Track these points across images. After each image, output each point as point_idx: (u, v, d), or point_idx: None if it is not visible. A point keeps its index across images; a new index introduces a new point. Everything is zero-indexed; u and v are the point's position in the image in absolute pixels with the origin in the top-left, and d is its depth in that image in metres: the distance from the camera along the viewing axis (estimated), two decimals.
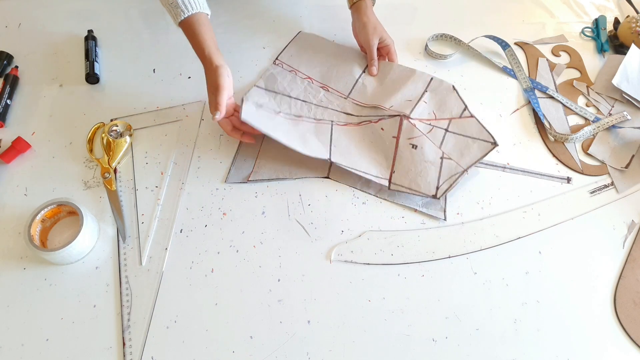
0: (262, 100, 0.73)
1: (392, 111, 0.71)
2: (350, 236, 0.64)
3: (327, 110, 0.73)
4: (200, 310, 0.58)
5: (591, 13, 0.94)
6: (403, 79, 0.76)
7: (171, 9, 0.65)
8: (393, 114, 0.71)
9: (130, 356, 0.55)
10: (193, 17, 0.65)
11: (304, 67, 0.79)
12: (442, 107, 0.73)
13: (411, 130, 0.69)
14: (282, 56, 0.81)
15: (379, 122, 0.71)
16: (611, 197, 0.70)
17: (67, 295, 0.58)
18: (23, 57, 0.79)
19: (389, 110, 0.71)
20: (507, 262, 0.64)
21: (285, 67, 0.79)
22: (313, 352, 0.56)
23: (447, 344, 0.58)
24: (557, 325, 0.60)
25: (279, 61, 0.80)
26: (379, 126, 0.70)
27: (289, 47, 0.82)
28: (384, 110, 0.71)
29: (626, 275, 0.63)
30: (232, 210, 0.66)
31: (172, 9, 0.65)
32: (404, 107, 0.72)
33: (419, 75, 0.77)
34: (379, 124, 0.71)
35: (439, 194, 0.65)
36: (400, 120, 0.70)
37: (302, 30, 0.86)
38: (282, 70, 0.78)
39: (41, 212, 0.59)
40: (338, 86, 0.77)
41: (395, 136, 0.69)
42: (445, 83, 0.76)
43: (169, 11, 0.66)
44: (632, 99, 0.79)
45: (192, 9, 0.65)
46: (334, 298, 0.60)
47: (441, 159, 0.68)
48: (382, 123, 0.71)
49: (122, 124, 0.71)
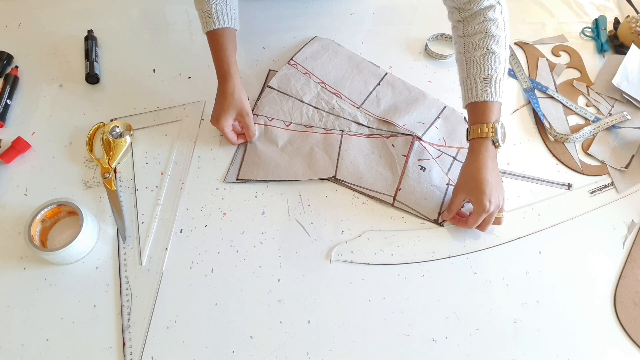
0: (274, 109, 0.74)
1: (405, 130, 0.72)
2: (350, 236, 0.64)
3: (338, 119, 0.74)
4: (200, 310, 0.58)
5: (591, 13, 0.94)
6: (417, 101, 0.76)
7: (204, 16, 0.66)
8: (405, 132, 0.71)
9: (130, 356, 0.55)
10: (224, 30, 0.66)
11: (318, 71, 0.79)
12: (452, 135, 0.74)
13: (422, 152, 0.70)
14: (297, 57, 0.80)
15: (390, 137, 0.71)
16: (611, 197, 0.70)
17: (67, 295, 0.58)
18: (23, 57, 0.79)
19: (402, 128, 0.72)
20: (507, 262, 0.64)
21: (300, 69, 0.79)
22: (313, 352, 0.56)
23: (447, 344, 0.58)
24: (557, 325, 0.60)
25: (294, 62, 0.80)
26: (390, 142, 0.71)
27: (304, 49, 0.82)
28: (397, 127, 0.72)
29: (626, 275, 0.63)
30: (232, 210, 0.66)
31: (205, 17, 0.66)
32: (416, 128, 0.72)
33: (432, 100, 0.77)
34: (390, 139, 0.71)
35: (440, 219, 0.66)
36: (412, 140, 0.70)
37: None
38: (296, 71, 0.78)
39: (41, 212, 0.59)
40: (351, 95, 0.77)
41: (406, 155, 0.69)
42: (457, 113, 0.76)
43: (201, 17, 0.67)
44: (632, 99, 0.79)
45: (224, 23, 0.65)
46: (334, 298, 0.60)
47: (447, 185, 0.68)
48: (393, 139, 0.71)
49: (122, 124, 0.71)
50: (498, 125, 0.59)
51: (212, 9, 0.65)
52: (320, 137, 0.72)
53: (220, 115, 0.66)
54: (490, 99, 0.60)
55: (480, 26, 0.61)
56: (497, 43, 0.60)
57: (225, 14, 0.66)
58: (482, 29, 0.61)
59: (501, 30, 0.61)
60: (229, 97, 0.66)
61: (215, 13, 0.65)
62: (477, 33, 0.61)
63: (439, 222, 0.66)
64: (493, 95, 0.60)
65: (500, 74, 0.60)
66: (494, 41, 0.60)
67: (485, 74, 0.60)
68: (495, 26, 0.60)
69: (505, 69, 0.61)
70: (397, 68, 0.81)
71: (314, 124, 0.73)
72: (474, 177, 0.60)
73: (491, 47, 0.60)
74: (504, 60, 0.61)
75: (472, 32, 0.62)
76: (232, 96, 0.66)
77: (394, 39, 0.85)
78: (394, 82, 0.79)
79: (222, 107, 0.66)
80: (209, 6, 0.65)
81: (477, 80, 0.60)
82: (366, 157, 0.70)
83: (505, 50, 0.62)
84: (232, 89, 0.66)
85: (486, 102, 0.60)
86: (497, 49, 0.60)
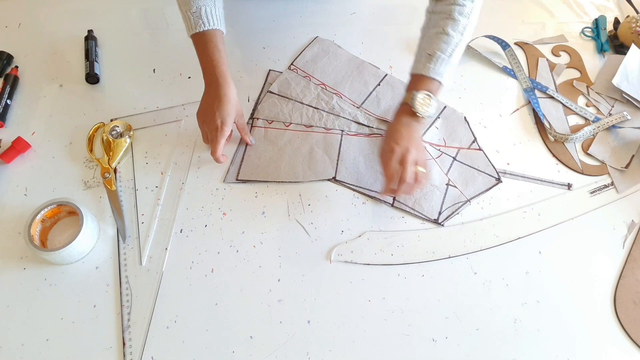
0: (274, 112, 0.74)
1: None
2: (350, 236, 0.64)
3: (338, 119, 0.74)
4: (200, 310, 0.58)
5: (591, 13, 0.94)
6: None
7: (191, 17, 0.63)
8: None
9: (130, 356, 0.55)
10: (215, 32, 0.65)
11: (318, 73, 0.79)
12: (452, 135, 0.74)
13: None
14: (298, 61, 0.80)
15: None
16: (611, 197, 0.70)
17: (67, 295, 0.58)
18: (23, 57, 0.79)
19: None
20: (507, 262, 0.64)
21: (300, 73, 0.79)
22: (313, 352, 0.56)
23: (447, 344, 0.58)
24: (557, 325, 0.60)
25: (294, 66, 0.80)
26: None
27: (305, 52, 0.82)
28: None
29: (626, 275, 0.63)
30: (232, 210, 0.66)
31: (194, 18, 0.63)
32: None
33: None
34: None
35: (440, 219, 0.66)
36: None
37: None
38: (296, 75, 0.78)
39: (41, 212, 0.59)
40: (351, 95, 0.77)
41: None
42: (457, 113, 0.76)
43: (186, 19, 0.64)
44: (632, 99, 0.79)
45: (214, 24, 0.64)
46: (334, 298, 0.60)
47: (447, 186, 0.68)
48: None
49: (122, 124, 0.71)
50: (419, 94, 0.61)
51: (201, 10, 0.63)
52: (320, 136, 0.72)
53: (226, 118, 0.64)
54: (428, 74, 0.61)
55: (447, 8, 0.62)
56: (455, 27, 0.62)
57: (215, 15, 0.64)
58: (447, 10, 0.62)
59: (465, 17, 0.62)
60: (232, 99, 0.65)
61: (205, 14, 0.63)
62: (441, 12, 0.63)
63: (439, 222, 0.66)
64: (431, 71, 0.61)
65: (445, 55, 0.61)
66: (452, 25, 0.62)
67: (430, 51, 0.62)
68: (460, 12, 0.62)
69: (453, 53, 0.62)
70: (397, 68, 0.81)
71: (314, 123, 0.73)
72: (390, 135, 0.63)
73: (447, 29, 0.62)
74: (455, 45, 0.62)
75: (438, 10, 0.63)
76: (234, 99, 0.65)
77: (394, 39, 0.85)
78: (393, 83, 0.79)
79: (226, 110, 0.64)
80: (198, 7, 0.63)
81: (423, 55, 0.63)
82: (366, 157, 0.70)
83: (462, 37, 0.63)
84: (232, 91, 0.65)
85: (423, 76, 0.62)
86: (452, 32, 0.62)
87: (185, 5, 0.64)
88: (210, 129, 0.65)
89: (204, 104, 0.66)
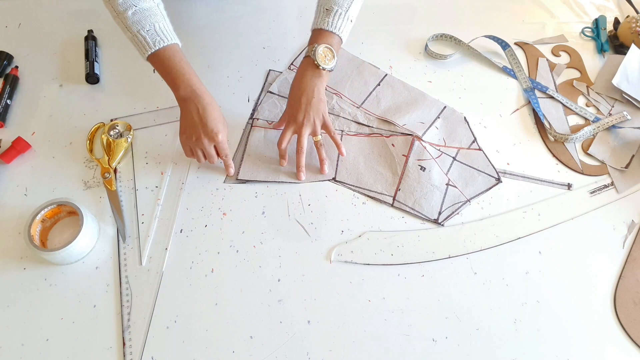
0: (274, 112, 0.74)
1: (405, 129, 0.72)
2: (350, 236, 0.64)
3: (338, 119, 0.74)
4: (200, 310, 0.58)
5: (591, 13, 0.94)
6: (417, 102, 0.76)
7: (146, 36, 0.61)
8: (405, 132, 0.72)
9: (130, 356, 0.55)
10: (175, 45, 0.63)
11: None
12: (452, 135, 0.74)
13: (421, 152, 0.70)
14: (298, 61, 0.80)
15: (390, 137, 0.72)
16: (611, 197, 0.70)
17: (67, 295, 0.58)
18: (23, 57, 0.79)
19: (402, 127, 0.72)
20: (507, 262, 0.64)
21: None
22: (313, 352, 0.56)
23: (447, 344, 0.58)
24: (557, 325, 0.60)
25: (294, 66, 0.80)
26: (390, 141, 0.71)
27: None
28: (396, 127, 0.72)
29: (626, 275, 0.63)
30: (232, 210, 0.66)
31: (149, 36, 0.61)
32: (416, 128, 0.73)
33: (432, 100, 0.77)
34: (390, 139, 0.71)
35: (440, 219, 0.66)
36: (412, 140, 0.71)
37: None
38: None
39: (41, 212, 0.59)
40: (351, 95, 0.77)
41: (406, 155, 0.70)
42: (457, 113, 0.76)
43: (140, 39, 0.61)
44: (632, 99, 0.79)
45: (172, 39, 0.62)
46: (334, 298, 0.60)
47: (447, 186, 0.68)
48: (393, 139, 0.71)
49: (122, 124, 0.71)
50: (320, 47, 0.64)
51: (155, 27, 0.61)
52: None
53: (219, 125, 0.62)
54: (326, 27, 0.65)
55: None
56: None
57: (168, 29, 0.63)
58: None
59: None
60: (217, 107, 0.63)
61: (161, 30, 0.62)
62: None
63: (439, 222, 0.66)
64: (329, 25, 0.65)
65: (342, 10, 0.65)
66: None
67: (328, 6, 0.66)
68: None
69: (349, 10, 0.66)
70: (397, 68, 0.81)
71: None
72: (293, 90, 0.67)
73: None
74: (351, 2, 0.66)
75: None
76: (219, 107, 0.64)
77: (394, 39, 0.85)
78: (393, 83, 0.79)
79: (216, 118, 0.62)
80: (152, 24, 0.61)
81: (321, 10, 0.67)
82: (366, 156, 0.70)
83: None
84: (214, 100, 0.63)
85: (322, 29, 0.66)
86: None
87: (137, 25, 0.61)
88: (205, 144, 0.62)
89: (187, 120, 0.63)
